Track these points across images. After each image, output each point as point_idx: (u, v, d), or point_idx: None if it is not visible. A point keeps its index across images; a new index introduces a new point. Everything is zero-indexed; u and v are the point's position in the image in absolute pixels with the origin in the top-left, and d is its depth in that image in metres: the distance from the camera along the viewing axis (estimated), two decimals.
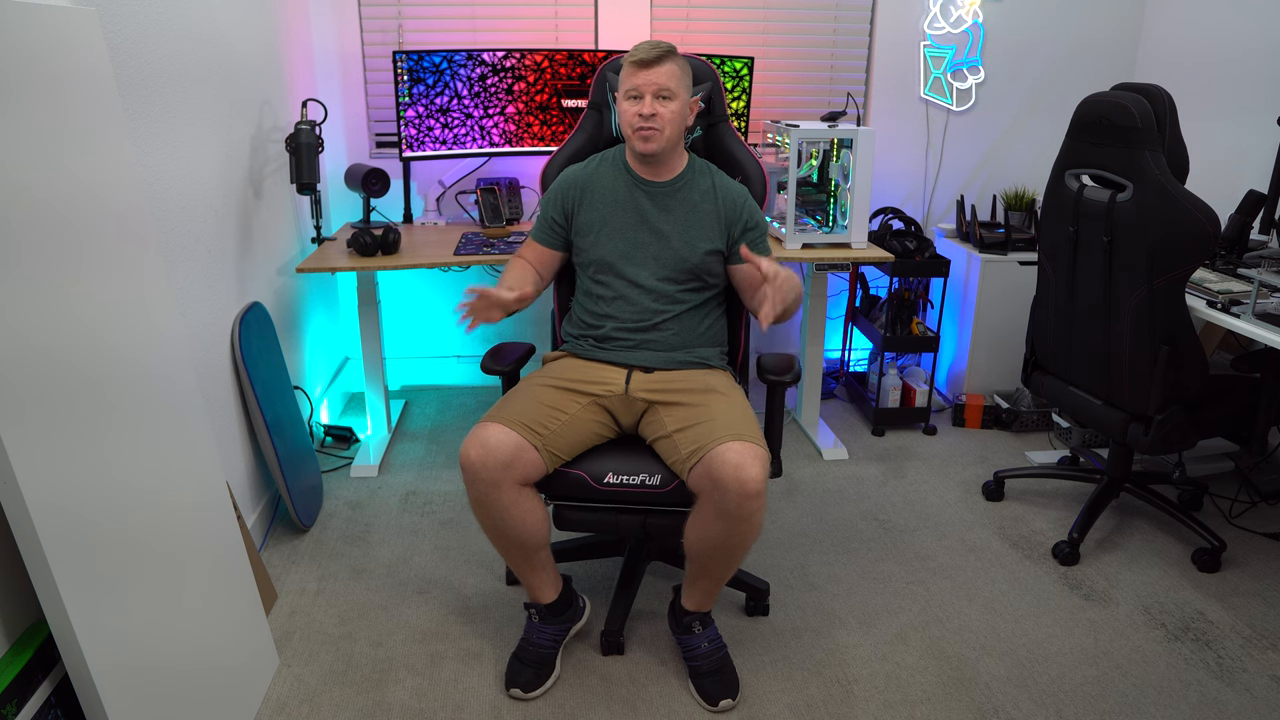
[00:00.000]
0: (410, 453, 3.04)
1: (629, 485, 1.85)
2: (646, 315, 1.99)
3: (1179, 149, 2.21)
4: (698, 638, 1.92)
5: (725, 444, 1.71)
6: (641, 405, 1.93)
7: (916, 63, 3.43)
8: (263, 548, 2.42)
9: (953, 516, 2.66)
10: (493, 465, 1.74)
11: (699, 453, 1.74)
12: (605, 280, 2.01)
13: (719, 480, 1.68)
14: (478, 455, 1.74)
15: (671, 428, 1.84)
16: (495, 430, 1.76)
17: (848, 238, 2.85)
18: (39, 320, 1.30)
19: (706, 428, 1.77)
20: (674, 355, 1.99)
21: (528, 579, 1.93)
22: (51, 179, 1.36)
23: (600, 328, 2.02)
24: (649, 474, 1.85)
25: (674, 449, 1.81)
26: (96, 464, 1.39)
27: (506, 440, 1.76)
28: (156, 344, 1.62)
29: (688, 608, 1.93)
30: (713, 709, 1.85)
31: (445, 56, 2.97)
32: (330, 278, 3.41)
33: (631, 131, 1.93)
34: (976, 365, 3.30)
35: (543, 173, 2.16)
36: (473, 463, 1.74)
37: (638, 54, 1.90)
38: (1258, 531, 2.58)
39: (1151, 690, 1.94)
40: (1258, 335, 2.11)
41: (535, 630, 1.94)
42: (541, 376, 1.97)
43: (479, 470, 1.74)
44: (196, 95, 2.15)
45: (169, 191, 1.97)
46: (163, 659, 1.50)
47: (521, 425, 1.79)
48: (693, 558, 1.85)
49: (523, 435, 1.78)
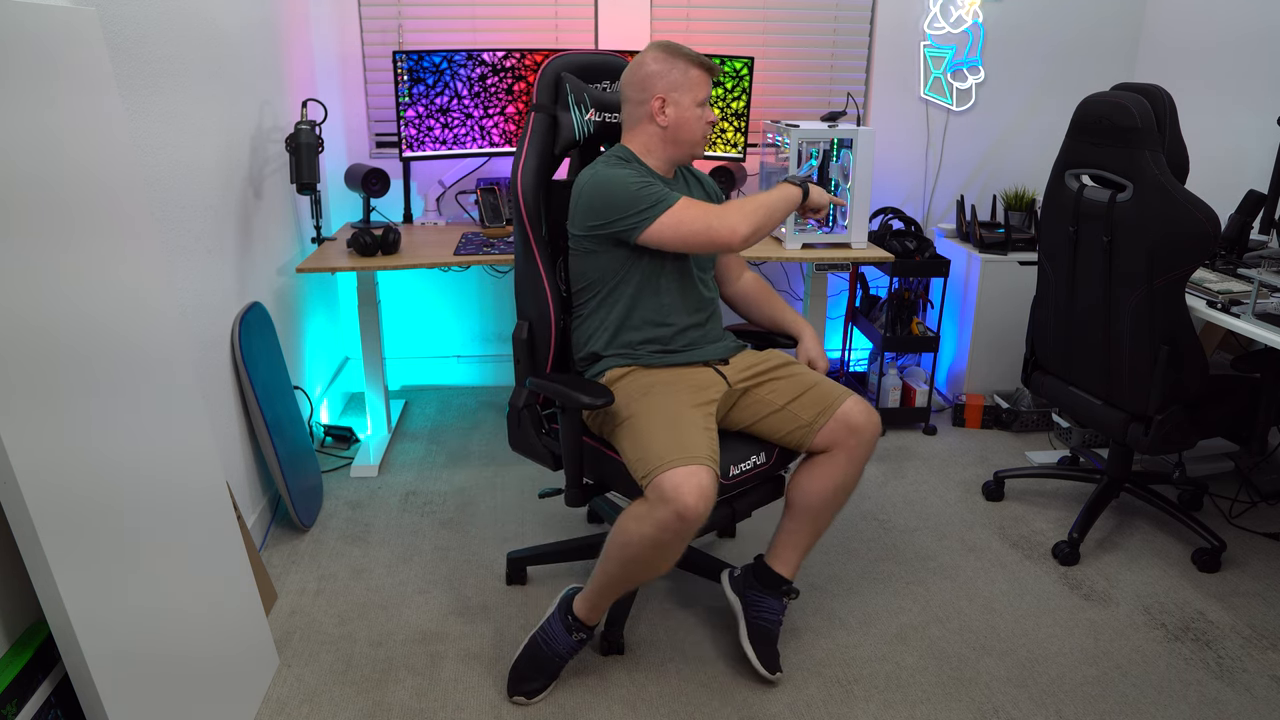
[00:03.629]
0: (410, 453, 3.04)
1: (747, 472, 1.91)
2: (702, 306, 2.03)
3: (1179, 149, 2.21)
4: (781, 605, 1.98)
5: (850, 399, 1.91)
6: (738, 393, 1.97)
7: (916, 63, 3.43)
8: (263, 548, 2.42)
9: (953, 516, 2.66)
10: (706, 511, 1.65)
11: (828, 411, 1.89)
12: (664, 279, 1.95)
13: (858, 427, 1.88)
14: (704, 507, 1.64)
15: (782, 401, 1.94)
16: (709, 476, 1.66)
17: (848, 238, 2.85)
18: (33, 302, 1.30)
19: (818, 391, 1.93)
20: (725, 344, 2.06)
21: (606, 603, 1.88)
22: (49, 167, 1.36)
23: (664, 327, 1.96)
24: (755, 454, 1.93)
25: (792, 419, 1.92)
26: (90, 451, 1.39)
27: (715, 485, 1.68)
28: (155, 330, 1.62)
29: (783, 573, 1.97)
30: (771, 677, 1.92)
31: (445, 56, 2.97)
32: (330, 278, 3.41)
33: (702, 138, 1.97)
34: (976, 365, 3.30)
35: (519, 180, 1.97)
36: (699, 514, 1.64)
37: (707, 63, 1.93)
38: (1258, 531, 2.58)
39: (1151, 690, 1.94)
40: (1258, 335, 2.11)
41: (569, 645, 1.88)
42: (675, 392, 1.86)
43: (697, 522, 1.65)
44: (196, 96, 2.15)
45: (169, 191, 1.97)
46: (162, 658, 1.50)
47: (714, 461, 1.71)
48: (810, 512, 1.94)
49: (715, 470, 1.71)
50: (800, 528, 1.96)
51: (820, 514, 1.95)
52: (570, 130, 2.02)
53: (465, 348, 3.62)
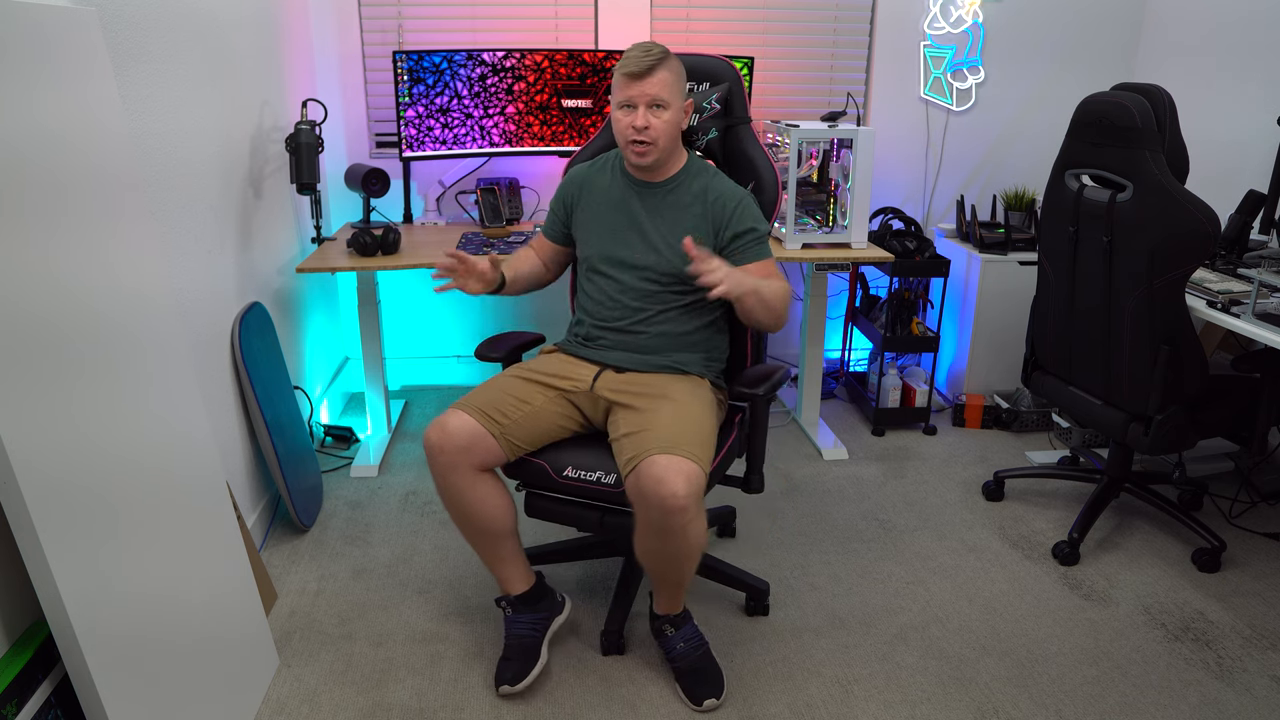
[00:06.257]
0: (410, 453, 3.03)
1: (585, 481, 1.87)
2: (626, 314, 1.99)
3: (1179, 149, 2.21)
4: (672, 639, 1.93)
5: (653, 456, 1.69)
6: (605, 404, 1.93)
7: (916, 63, 3.43)
8: (263, 548, 2.42)
9: (953, 516, 2.66)
10: (450, 449, 1.82)
11: (632, 462, 1.72)
12: (593, 279, 2.04)
13: (643, 493, 1.69)
14: (436, 438, 1.83)
15: (619, 432, 1.83)
16: (455, 416, 1.85)
17: (848, 238, 2.85)
18: (30, 291, 1.30)
19: (643, 437, 1.75)
20: (650, 358, 1.97)
21: (497, 570, 1.96)
22: (49, 160, 1.36)
23: (583, 324, 2.06)
24: (605, 472, 1.84)
25: (618, 453, 1.81)
26: (86, 442, 1.39)
27: (464, 426, 1.83)
28: (152, 323, 1.62)
29: (657, 612, 1.95)
30: (698, 708, 1.86)
31: (445, 56, 2.97)
32: (330, 278, 3.41)
33: (625, 144, 1.92)
34: (976, 365, 3.30)
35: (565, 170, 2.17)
36: (431, 445, 1.83)
37: (629, 64, 1.86)
38: (1258, 531, 2.58)
39: (1151, 690, 1.94)
40: (1258, 335, 2.11)
41: (512, 622, 1.95)
42: (520, 368, 2.01)
43: (436, 453, 1.83)
44: (196, 96, 2.15)
45: (169, 191, 1.97)
46: (162, 658, 1.50)
47: (481, 413, 1.85)
48: (642, 565, 1.87)
49: (481, 422, 1.84)
50: (650, 576, 1.88)
51: (654, 568, 1.84)
52: None
53: (465, 348, 3.62)
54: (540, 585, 2.00)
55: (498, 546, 1.92)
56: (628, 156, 1.95)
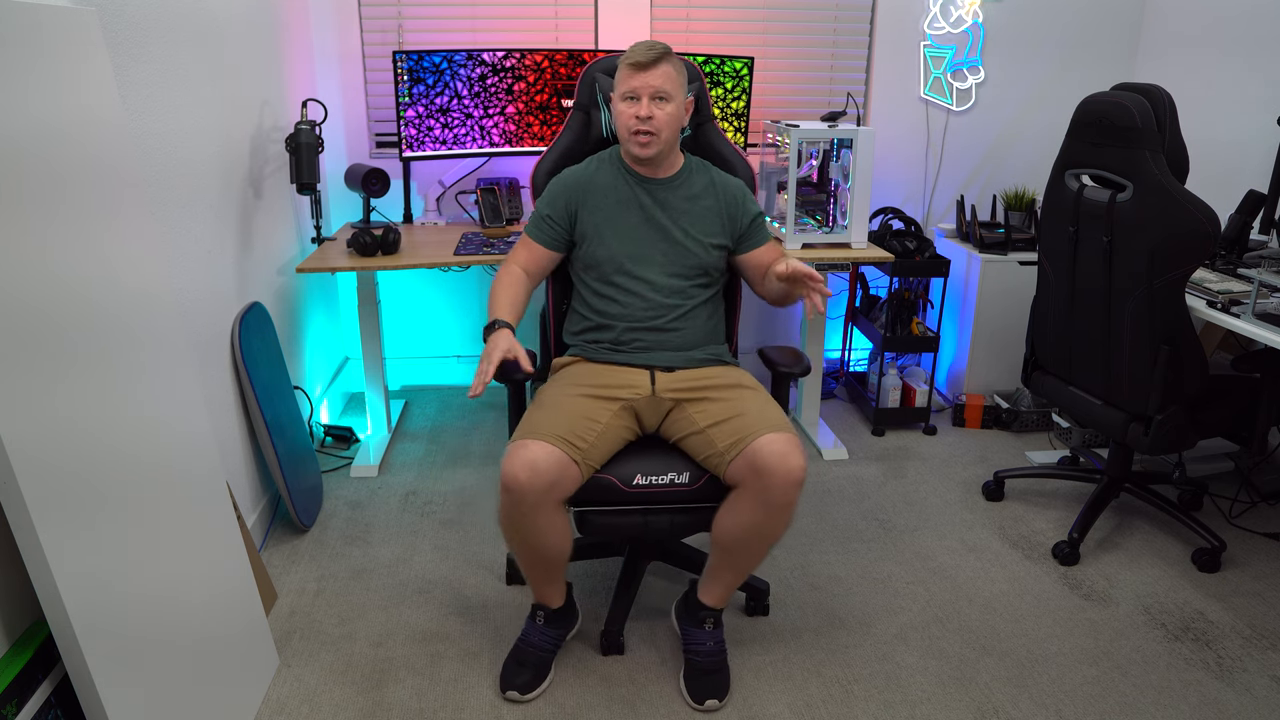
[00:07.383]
0: (410, 453, 3.04)
1: (658, 485, 1.84)
2: (660, 312, 1.98)
3: (1179, 149, 2.21)
4: (706, 634, 1.92)
5: (767, 435, 1.73)
6: (668, 404, 1.92)
7: (916, 63, 3.43)
8: (263, 548, 2.42)
9: (953, 516, 2.66)
10: (540, 487, 1.69)
11: (740, 444, 1.75)
12: (616, 280, 1.98)
13: (765, 469, 1.71)
14: (527, 478, 1.68)
15: (704, 423, 1.83)
16: (540, 450, 1.71)
17: (848, 238, 2.85)
18: (29, 283, 1.30)
19: (743, 421, 1.79)
20: (691, 354, 1.99)
21: (542, 587, 1.93)
22: (48, 154, 1.36)
23: (612, 329, 1.99)
24: (677, 472, 1.85)
25: (708, 444, 1.81)
26: (85, 436, 1.39)
27: (552, 459, 1.71)
28: (152, 318, 1.62)
29: (705, 602, 1.93)
30: (698, 707, 1.86)
31: (445, 56, 2.97)
32: (330, 278, 3.41)
33: (629, 134, 1.92)
34: (976, 365, 3.30)
35: (532, 174, 2.13)
36: (521, 485, 1.68)
37: (634, 55, 1.89)
38: (1258, 531, 2.58)
39: (1151, 690, 1.94)
40: (1258, 335, 2.11)
41: (538, 632, 1.94)
42: (564, 385, 1.92)
43: (525, 493, 1.68)
44: (196, 96, 2.15)
45: (169, 190, 1.97)
46: (162, 658, 1.50)
47: (564, 441, 1.74)
48: (725, 549, 1.84)
49: (566, 451, 1.74)
50: (719, 561, 1.88)
51: (735, 553, 1.84)
52: (599, 128, 2.15)
53: (465, 348, 3.62)
54: (570, 599, 2.01)
55: (552, 570, 1.89)
56: (629, 148, 1.95)
